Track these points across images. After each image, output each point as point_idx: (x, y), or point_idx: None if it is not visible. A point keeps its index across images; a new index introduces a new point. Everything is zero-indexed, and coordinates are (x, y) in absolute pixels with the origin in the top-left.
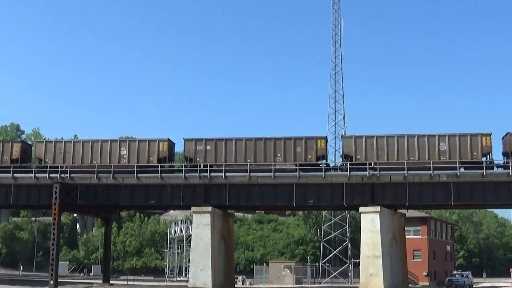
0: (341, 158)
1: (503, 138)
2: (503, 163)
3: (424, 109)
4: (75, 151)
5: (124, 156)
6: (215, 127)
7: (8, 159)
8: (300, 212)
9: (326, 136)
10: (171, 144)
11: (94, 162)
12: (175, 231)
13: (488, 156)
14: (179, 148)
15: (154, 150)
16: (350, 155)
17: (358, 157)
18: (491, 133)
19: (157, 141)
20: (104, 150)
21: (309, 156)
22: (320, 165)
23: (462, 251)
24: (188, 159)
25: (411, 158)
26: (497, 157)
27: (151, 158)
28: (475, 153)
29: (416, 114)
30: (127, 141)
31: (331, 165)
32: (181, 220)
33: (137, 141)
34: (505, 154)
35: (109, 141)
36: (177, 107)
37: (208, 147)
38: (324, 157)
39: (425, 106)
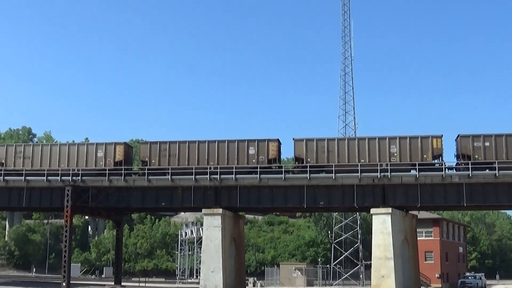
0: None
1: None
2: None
3: (435, 109)
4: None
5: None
6: (224, 129)
7: None
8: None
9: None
10: (127, 148)
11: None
12: (186, 233)
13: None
14: None
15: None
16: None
17: (309, 159)
18: (442, 135)
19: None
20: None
21: (262, 158)
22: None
23: (475, 253)
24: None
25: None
26: None
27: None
28: (425, 155)
29: (427, 115)
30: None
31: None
32: (192, 222)
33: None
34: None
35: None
36: (188, 110)
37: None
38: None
39: (435, 106)
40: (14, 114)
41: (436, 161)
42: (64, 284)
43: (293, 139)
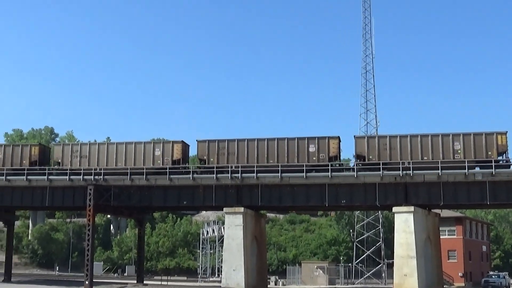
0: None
1: None
2: None
3: (456, 107)
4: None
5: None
6: (245, 127)
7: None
8: (332, 213)
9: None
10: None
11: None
12: (207, 231)
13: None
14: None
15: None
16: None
17: (370, 157)
18: (507, 131)
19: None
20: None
21: (323, 156)
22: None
23: (499, 252)
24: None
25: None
26: None
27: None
28: (489, 152)
29: (448, 113)
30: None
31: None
32: (213, 221)
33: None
34: None
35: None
36: (207, 108)
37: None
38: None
39: (456, 104)
40: (37, 114)
41: (500, 158)
42: (87, 282)
43: (354, 136)
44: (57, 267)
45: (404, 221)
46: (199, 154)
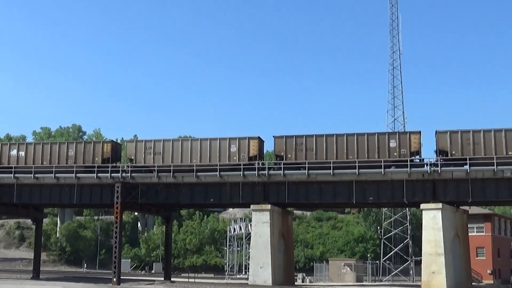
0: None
1: None
2: None
3: (485, 103)
4: (27, 152)
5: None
6: (272, 125)
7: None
8: (353, 210)
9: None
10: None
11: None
12: (234, 229)
13: None
14: None
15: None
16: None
17: (453, 152)
18: None
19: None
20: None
21: (404, 151)
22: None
23: None
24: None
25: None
26: None
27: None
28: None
29: (477, 109)
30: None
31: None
32: (240, 218)
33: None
34: None
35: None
36: (237, 106)
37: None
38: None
39: (485, 101)
40: (64, 112)
41: None
42: (114, 279)
43: (436, 131)
44: (85, 264)
45: (432, 218)
46: (276, 150)
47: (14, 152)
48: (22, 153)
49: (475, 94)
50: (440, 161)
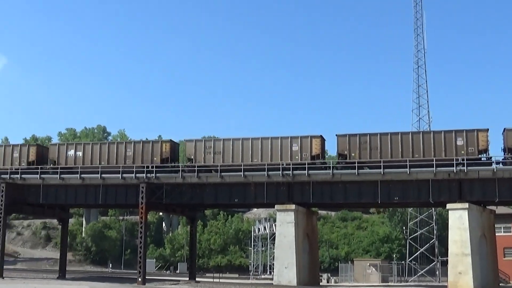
0: None
1: None
2: None
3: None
4: (85, 152)
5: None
6: (297, 125)
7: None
8: (373, 210)
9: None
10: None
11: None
12: (258, 229)
13: None
14: None
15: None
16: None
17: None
18: None
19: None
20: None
21: (472, 149)
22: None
23: None
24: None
25: None
26: None
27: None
28: None
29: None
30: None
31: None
32: (265, 218)
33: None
34: None
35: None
36: (259, 107)
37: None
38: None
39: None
40: (89, 113)
41: None
42: (139, 279)
43: (505, 129)
44: (110, 264)
45: (458, 218)
46: (340, 149)
47: (71, 152)
48: (80, 153)
49: (500, 92)
50: (509, 159)
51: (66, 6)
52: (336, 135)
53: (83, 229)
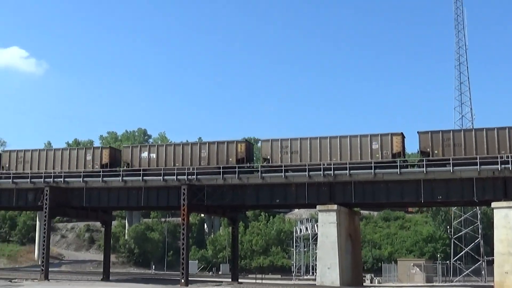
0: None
1: None
2: None
3: None
4: (159, 154)
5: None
6: (336, 125)
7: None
8: (410, 209)
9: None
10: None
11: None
12: (300, 229)
13: None
14: None
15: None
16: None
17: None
18: None
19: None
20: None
21: None
22: None
23: None
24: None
25: None
26: None
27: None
28: None
29: None
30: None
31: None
32: (306, 219)
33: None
34: None
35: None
36: (304, 107)
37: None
38: None
39: None
40: (130, 116)
41: None
42: (182, 280)
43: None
44: (153, 266)
45: (504, 217)
46: (422, 146)
47: (145, 154)
48: (153, 155)
49: None
50: None
51: (104, 10)
52: (417, 132)
53: (126, 231)
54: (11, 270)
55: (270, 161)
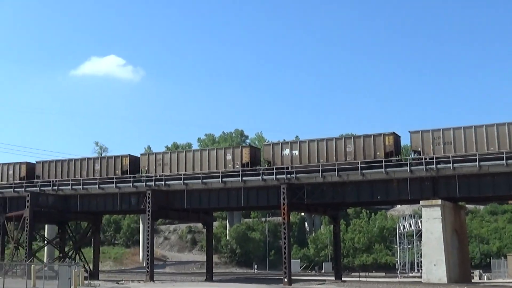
0: None
1: None
2: None
3: None
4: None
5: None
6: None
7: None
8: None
9: None
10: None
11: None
12: (403, 226)
13: None
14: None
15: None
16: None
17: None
18: None
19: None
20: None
21: None
22: None
23: None
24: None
25: None
26: None
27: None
28: None
29: None
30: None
31: None
32: (409, 215)
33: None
34: None
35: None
36: (398, 101)
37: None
38: None
39: None
40: (227, 118)
41: None
42: (285, 280)
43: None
44: (256, 266)
45: None
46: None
47: (286, 151)
48: (296, 152)
49: None
50: None
51: (193, 15)
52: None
53: (227, 232)
54: (118, 272)
55: (422, 153)
